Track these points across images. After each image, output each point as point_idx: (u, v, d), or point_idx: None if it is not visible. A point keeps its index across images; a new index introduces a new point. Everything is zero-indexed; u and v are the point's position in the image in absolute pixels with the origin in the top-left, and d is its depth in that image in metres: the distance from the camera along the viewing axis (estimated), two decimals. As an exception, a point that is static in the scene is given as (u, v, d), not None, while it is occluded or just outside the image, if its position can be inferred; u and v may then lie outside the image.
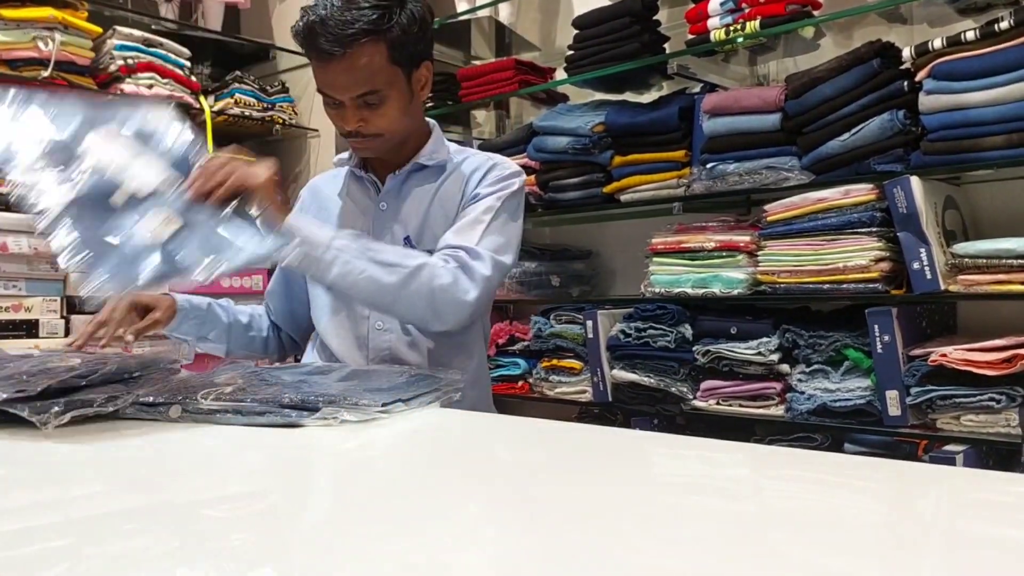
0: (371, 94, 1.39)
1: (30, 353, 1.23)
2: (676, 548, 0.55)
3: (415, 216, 1.51)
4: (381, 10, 1.35)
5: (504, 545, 0.57)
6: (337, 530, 0.60)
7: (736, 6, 2.15)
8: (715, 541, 0.57)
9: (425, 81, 1.48)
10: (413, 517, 0.63)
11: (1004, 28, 1.76)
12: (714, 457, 0.90)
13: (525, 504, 0.68)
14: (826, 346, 1.98)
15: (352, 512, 0.66)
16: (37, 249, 2.45)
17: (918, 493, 0.73)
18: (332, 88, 1.39)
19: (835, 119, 1.98)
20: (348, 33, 1.33)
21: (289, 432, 0.94)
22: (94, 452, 0.87)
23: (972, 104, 1.79)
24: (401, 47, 1.38)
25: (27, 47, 2.47)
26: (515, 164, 1.58)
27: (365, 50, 1.34)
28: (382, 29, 1.35)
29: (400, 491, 0.73)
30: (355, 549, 0.56)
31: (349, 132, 1.44)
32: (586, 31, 2.45)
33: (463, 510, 0.66)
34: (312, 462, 0.87)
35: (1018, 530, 0.60)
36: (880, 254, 1.90)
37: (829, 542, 0.57)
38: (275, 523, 0.64)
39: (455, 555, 0.54)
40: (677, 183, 2.28)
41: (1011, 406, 1.73)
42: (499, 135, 3.04)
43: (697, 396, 2.20)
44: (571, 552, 0.54)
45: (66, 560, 0.54)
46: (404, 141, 1.51)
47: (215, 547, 0.56)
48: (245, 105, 3.02)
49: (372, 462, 0.87)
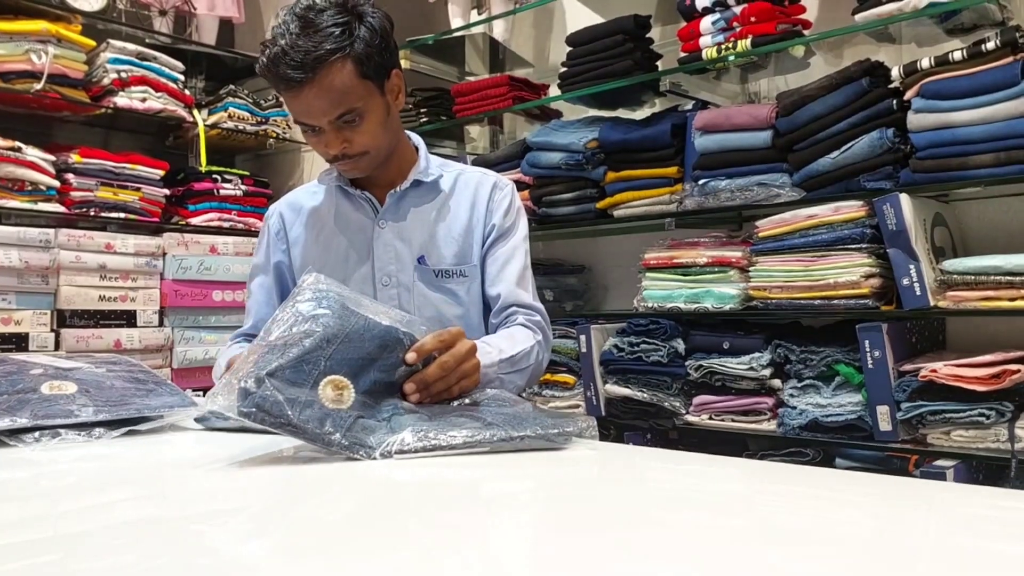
0: (348, 113, 1.37)
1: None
2: (668, 562, 0.55)
3: (419, 235, 1.50)
4: (340, 27, 1.33)
5: (494, 559, 0.57)
6: (328, 544, 0.60)
7: (728, 25, 2.16)
8: (707, 555, 0.57)
9: (398, 89, 1.47)
10: (403, 531, 0.63)
11: (991, 48, 1.78)
12: (706, 471, 0.90)
13: (516, 518, 0.68)
14: (817, 361, 1.99)
15: (338, 529, 0.66)
16: (28, 263, 2.44)
17: (908, 508, 0.73)
18: (309, 115, 1.37)
19: (825, 137, 2.00)
20: (313, 57, 1.31)
21: (266, 441, 0.94)
22: (79, 465, 0.87)
23: (960, 123, 1.81)
24: (367, 61, 1.36)
25: (20, 60, 2.47)
26: (507, 179, 1.61)
27: (333, 70, 1.32)
28: (344, 46, 1.33)
29: (387, 506, 0.72)
30: (341, 565, 0.55)
31: (335, 156, 1.42)
32: (579, 48, 2.47)
33: (452, 524, 0.66)
34: (291, 479, 0.87)
35: (1007, 544, 0.60)
36: (870, 270, 1.91)
37: (820, 556, 0.57)
38: (263, 540, 0.63)
39: (447, 567, 0.54)
40: (669, 199, 2.29)
41: (1000, 421, 1.74)
42: (493, 150, 3.04)
43: (690, 411, 2.20)
44: (562, 566, 0.54)
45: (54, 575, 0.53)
46: (390, 155, 1.50)
47: (204, 563, 0.56)
48: (239, 119, 3.03)
49: (364, 473, 0.86)
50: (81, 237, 2.56)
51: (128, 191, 2.72)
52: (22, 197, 2.48)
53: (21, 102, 2.57)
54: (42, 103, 2.59)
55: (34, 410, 1.00)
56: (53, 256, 2.50)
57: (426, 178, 1.52)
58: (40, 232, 2.47)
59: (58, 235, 2.51)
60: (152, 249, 2.72)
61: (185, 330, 2.79)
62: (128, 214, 2.72)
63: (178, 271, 2.76)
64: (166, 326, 2.75)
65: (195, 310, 2.82)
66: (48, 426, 0.98)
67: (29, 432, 0.97)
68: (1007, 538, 0.62)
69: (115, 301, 2.64)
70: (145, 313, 2.71)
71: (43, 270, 2.49)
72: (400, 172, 1.52)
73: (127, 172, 2.71)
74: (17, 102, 2.57)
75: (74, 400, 1.04)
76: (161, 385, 1.21)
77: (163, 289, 2.75)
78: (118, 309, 2.64)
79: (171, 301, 2.75)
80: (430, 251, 1.50)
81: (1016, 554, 0.58)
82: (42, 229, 2.49)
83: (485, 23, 2.90)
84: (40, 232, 2.47)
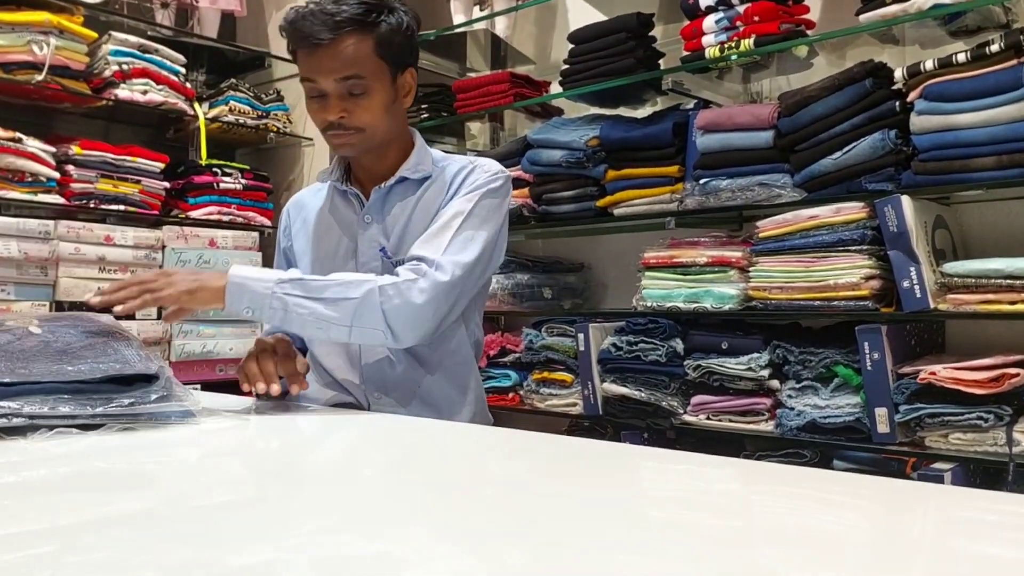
0: (355, 79, 1.39)
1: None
2: (664, 562, 0.55)
3: (397, 227, 1.50)
4: (368, 6, 1.39)
5: (492, 558, 0.57)
6: (324, 536, 0.60)
7: (731, 24, 2.16)
8: (703, 555, 0.57)
9: (409, 88, 1.49)
10: (400, 526, 0.63)
11: (994, 51, 1.78)
12: (703, 472, 0.90)
13: (513, 516, 0.68)
14: (816, 362, 1.99)
15: (340, 519, 0.66)
16: (27, 254, 2.44)
17: (906, 510, 0.73)
18: (318, 72, 1.39)
19: (827, 137, 1.99)
20: (336, 20, 1.36)
21: (261, 436, 0.94)
22: (75, 457, 0.86)
23: (962, 125, 1.80)
24: (388, 43, 1.40)
25: (22, 51, 2.47)
26: (497, 164, 1.54)
27: (352, 37, 1.38)
28: (368, 22, 1.38)
29: (388, 499, 0.72)
30: (340, 556, 0.55)
31: (331, 123, 1.42)
32: (582, 46, 2.46)
33: (451, 521, 0.66)
34: (295, 468, 0.87)
35: (1004, 548, 0.60)
36: (870, 272, 1.91)
37: (817, 558, 0.57)
38: (256, 529, 0.63)
39: (443, 566, 0.54)
40: (670, 198, 2.29)
41: (999, 425, 1.74)
42: (493, 147, 3.04)
43: (687, 410, 2.20)
44: (559, 565, 0.54)
45: (49, 568, 0.53)
46: (385, 147, 1.50)
47: (200, 557, 0.56)
48: (240, 113, 3.03)
49: (359, 469, 0.86)
50: (80, 229, 2.56)
51: (128, 183, 2.71)
52: (22, 188, 2.48)
53: (22, 93, 2.57)
54: (43, 94, 2.59)
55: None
56: (52, 247, 2.49)
57: (413, 174, 1.51)
58: (40, 223, 2.47)
59: (57, 226, 2.51)
60: (151, 242, 2.72)
61: (184, 323, 2.79)
62: (128, 206, 2.71)
63: (177, 264, 2.76)
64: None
65: (194, 303, 2.82)
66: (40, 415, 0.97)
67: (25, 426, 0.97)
68: (1004, 542, 0.62)
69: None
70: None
71: (42, 261, 2.48)
72: (395, 169, 1.52)
73: (127, 164, 2.71)
74: (18, 93, 2.56)
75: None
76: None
77: (162, 282, 2.75)
78: (117, 301, 2.64)
79: (170, 294, 2.75)
80: (403, 242, 1.48)
81: (1013, 558, 0.58)
82: (42, 220, 2.48)
83: (487, 19, 2.89)
84: (40, 223, 2.47)
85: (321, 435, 1.13)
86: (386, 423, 1.25)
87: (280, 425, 1.18)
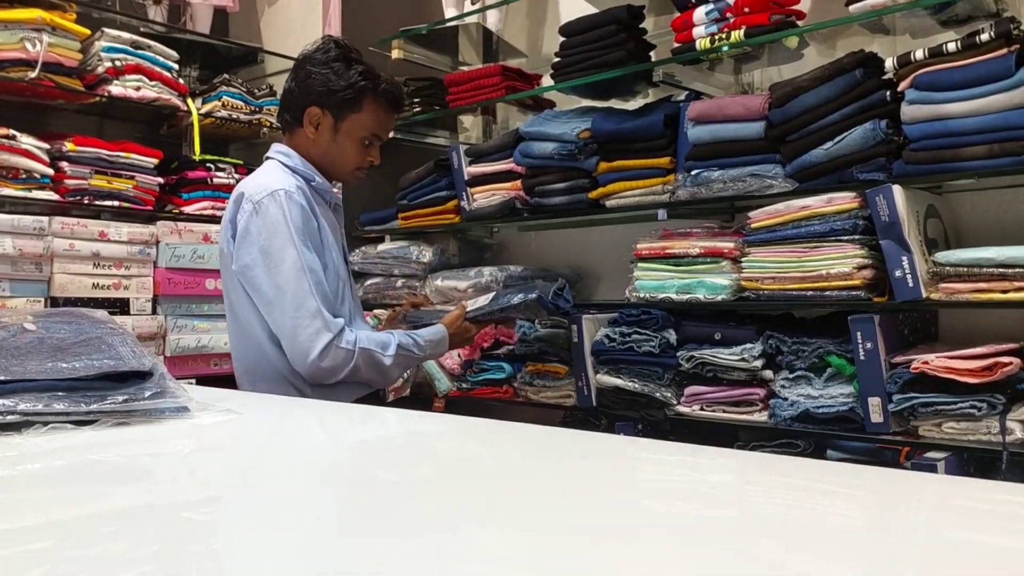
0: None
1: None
2: (658, 553, 0.56)
3: None
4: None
5: (485, 550, 0.57)
6: (318, 529, 0.60)
7: (721, 15, 2.16)
8: (697, 546, 0.57)
9: None
10: (394, 520, 0.63)
11: (985, 40, 1.78)
12: (697, 462, 0.90)
13: (507, 509, 0.68)
14: (809, 352, 2.00)
15: (333, 514, 0.66)
16: (22, 250, 2.43)
17: (899, 499, 0.74)
18: (387, 130, 2.00)
19: (818, 128, 1.99)
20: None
21: (264, 431, 0.94)
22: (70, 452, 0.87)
23: (953, 114, 1.81)
24: None
25: (14, 48, 2.46)
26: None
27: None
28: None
29: (381, 491, 0.73)
30: (338, 553, 0.56)
31: (368, 165, 1.99)
32: (573, 38, 2.46)
33: (445, 514, 0.66)
34: (288, 462, 0.87)
35: (997, 536, 0.61)
36: (863, 262, 1.91)
37: (810, 547, 0.57)
38: (256, 525, 0.64)
39: (437, 559, 0.55)
40: (662, 189, 2.29)
41: (992, 414, 1.75)
42: (486, 140, 3.04)
43: (681, 401, 2.21)
44: (552, 557, 0.54)
45: (47, 562, 0.54)
46: None
47: (196, 551, 0.56)
48: (232, 108, 3.02)
49: (352, 462, 0.87)
50: (75, 225, 2.55)
51: (122, 179, 2.71)
52: (16, 185, 2.47)
53: (15, 90, 2.56)
54: (36, 91, 2.58)
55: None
56: (47, 244, 2.49)
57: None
58: (34, 220, 2.47)
59: (52, 223, 2.50)
60: (146, 237, 2.71)
61: (178, 318, 2.79)
62: (122, 202, 2.71)
63: (171, 259, 2.76)
64: (159, 314, 2.75)
65: (188, 298, 2.82)
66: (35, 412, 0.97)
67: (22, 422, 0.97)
68: (997, 530, 0.63)
69: (108, 289, 2.63)
70: (138, 301, 2.70)
71: (37, 257, 2.48)
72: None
73: (121, 160, 2.70)
74: (11, 90, 2.55)
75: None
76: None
77: (156, 277, 2.74)
78: (111, 297, 2.64)
79: (164, 289, 2.75)
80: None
81: (1006, 546, 0.58)
82: (36, 217, 2.48)
83: (478, 13, 2.89)
84: (34, 220, 2.47)
85: (313, 429, 1.13)
86: (377, 416, 1.25)
87: (273, 419, 1.19)
